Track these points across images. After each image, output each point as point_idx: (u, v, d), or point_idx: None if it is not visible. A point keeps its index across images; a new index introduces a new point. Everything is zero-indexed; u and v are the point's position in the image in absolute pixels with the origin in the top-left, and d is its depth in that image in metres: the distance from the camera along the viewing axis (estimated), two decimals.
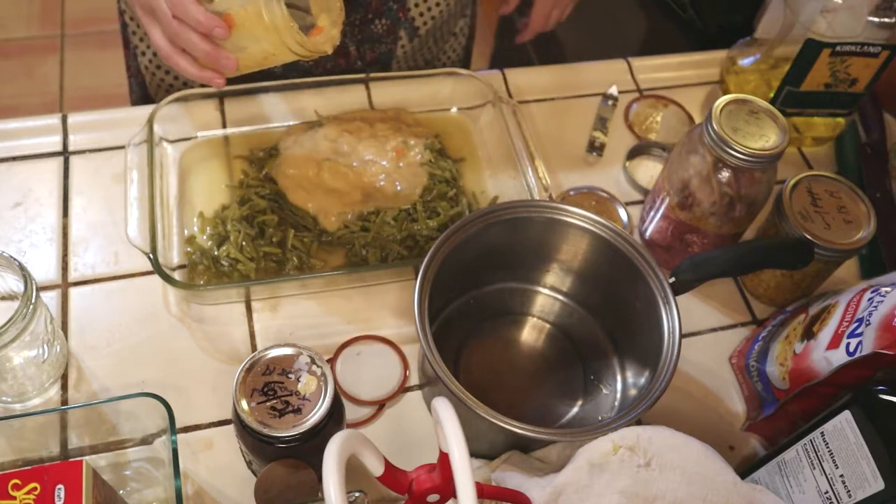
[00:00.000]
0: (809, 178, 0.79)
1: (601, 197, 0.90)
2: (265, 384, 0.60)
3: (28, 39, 2.22)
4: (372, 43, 0.97)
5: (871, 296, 0.65)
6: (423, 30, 1.00)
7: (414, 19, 0.98)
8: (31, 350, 0.67)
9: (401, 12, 0.96)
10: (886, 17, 0.84)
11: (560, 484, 0.60)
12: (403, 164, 0.85)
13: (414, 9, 0.97)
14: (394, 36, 0.98)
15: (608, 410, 0.74)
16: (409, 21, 0.97)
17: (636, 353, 0.74)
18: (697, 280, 0.70)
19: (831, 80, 0.89)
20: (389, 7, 0.95)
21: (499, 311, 0.80)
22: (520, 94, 0.99)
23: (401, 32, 0.98)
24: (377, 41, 0.98)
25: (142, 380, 0.73)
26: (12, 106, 2.05)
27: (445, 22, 1.02)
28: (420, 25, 0.99)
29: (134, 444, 0.67)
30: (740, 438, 0.76)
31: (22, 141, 0.87)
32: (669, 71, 1.06)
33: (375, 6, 0.94)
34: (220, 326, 0.77)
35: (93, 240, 0.81)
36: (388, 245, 0.81)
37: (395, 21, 0.97)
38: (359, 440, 0.51)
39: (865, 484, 0.55)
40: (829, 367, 0.64)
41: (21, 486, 0.53)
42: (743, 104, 0.75)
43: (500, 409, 0.61)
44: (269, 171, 0.84)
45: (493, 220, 0.72)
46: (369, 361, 0.76)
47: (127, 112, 0.90)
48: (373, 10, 0.94)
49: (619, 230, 0.72)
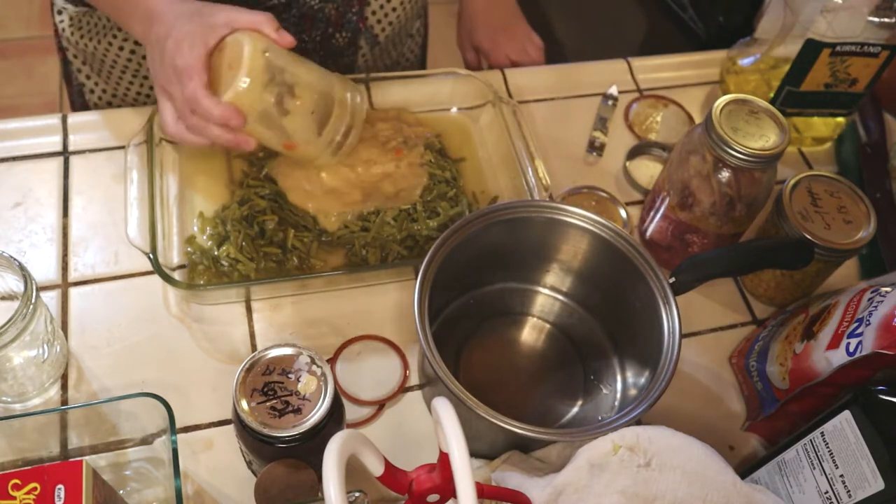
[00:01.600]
0: (809, 178, 0.79)
1: (601, 197, 0.90)
2: (265, 384, 0.60)
3: (28, 39, 2.22)
4: (335, 56, 0.99)
5: (871, 296, 0.65)
6: (382, 36, 1.01)
7: (373, 27, 0.98)
8: (31, 350, 0.67)
9: (360, 23, 0.97)
10: (886, 17, 0.84)
11: (560, 484, 0.60)
12: (403, 164, 0.85)
13: (371, 17, 0.97)
14: (354, 47, 0.99)
15: (608, 410, 0.74)
16: (368, 30, 0.98)
17: (636, 353, 0.74)
18: (697, 280, 0.70)
19: (831, 80, 0.89)
20: (349, 19, 0.95)
21: (499, 311, 0.80)
22: (520, 94, 0.99)
23: (361, 42, 0.99)
24: (339, 54, 0.99)
25: (142, 380, 0.73)
26: (12, 106, 2.05)
27: (403, 26, 1.03)
28: (379, 32, 1.00)
29: (134, 444, 0.67)
30: (740, 438, 0.76)
31: (22, 141, 0.86)
32: (669, 71, 1.06)
33: (335, 20, 0.94)
34: (220, 326, 0.77)
35: (93, 240, 0.81)
36: (388, 245, 0.81)
37: (356, 32, 0.97)
38: (359, 440, 0.51)
39: (865, 484, 0.55)
40: (829, 367, 0.64)
41: (21, 486, 0.53)
42: (743, 104, 0.75)
43: (500, 409, 0.61)
44: (269, 171, 0.84)
45: (493, 220, 0.72)
46: (369, 361, 0.76)
47: (127, 112, 0.90)
48: (333, 23, 0.94)
49: (619, 230, 0.72)
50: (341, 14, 0.94)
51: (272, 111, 0.73)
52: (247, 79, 0.71)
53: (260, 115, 0.73)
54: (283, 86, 0.73)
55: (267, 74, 0.72)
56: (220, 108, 0.70)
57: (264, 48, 0.72)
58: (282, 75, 0.73)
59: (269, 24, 0.72)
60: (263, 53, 0.72)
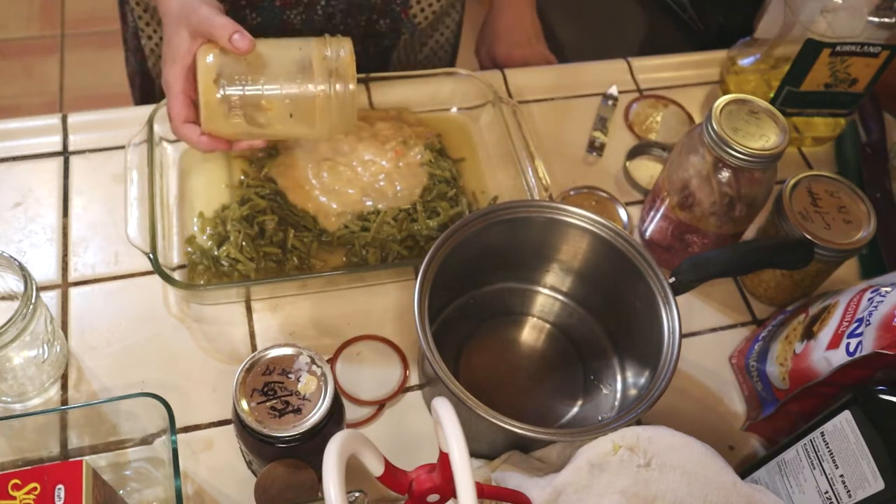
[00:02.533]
0: (809, 178, 0.79)
1: (601, 197, 0.90)
2: (265, 384, 0.60)
3: (28, 39, 2.22)
4: (376, 38, 1.01)
5: (871, 296, 0.65)
6: (424, 24, 1.03)
7: (415, 16, 1.01)
8: (31, 350, 0.67)
9: (403, 13, 1.00)
10: (886, 17, 0.84)
11: (560, 484, 0.60)
12: (403, 164, 0.85)
13: (416, 6, 1.00)
14: (396, 32, 1.02)
15: (608, 410, 0.74)
16: (409, 19, 1.01)
17: (636, 353, 0.74)
18: (697, 280, 0.70)
19: (831, 80, 0.89)
20: (392, 9, 0.98)
21: (499, 311, 0.80)
22: (520, 94, 0.99)
23: (403, 29, 1.02)
24: (381, 37, 1.02)
25: (142, 380, 0.73)
26: (12, 106, 2.05)
27: (441, 15, 1.05)
28: (421, 21, 1.02)
29: (134, 444, 0.67)
30: (740, 438, 0.76)
31: (22, 141, 0.86)
32: (669, 71, 1.06)
33: (380, 8, 0.97)
34: (220, 326, 0.77)
35: (93, 240, 0.81)
36: (388, 245, 0.81)
37: (398, 20, 1.00)
38: (359, 440, 0.51)
39: (865, 484, 0.55)
40: (829, 367, 0.64)
41: (21, 486, 0.53)
42: (743, 104, 0.75)
43: (500, 409, 0.61)
44: (269, 171, 0.84)
45: (493, 220, 0.72)
46: (369, 361, 0.76)
47: (127, 112, 0.90)
48: (377, 11, 0.98)
49: (619, 230, 0.72)
50: (386, 3, 0.97)
51: (249, 128, 0.72)
52: (207, 113, 0.69)
53: (241, 134, 0.72)
54: (247, 107, 0.70)
55: (224, 105, 0.69)
56: (201, 139, 0.71)
57: (217, 72, 0.68)
58: (242, 96, 0.69)
59: (223, 31, 0.68)
60: (214, 82, 0.68)
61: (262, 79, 0.70)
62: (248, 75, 0.69)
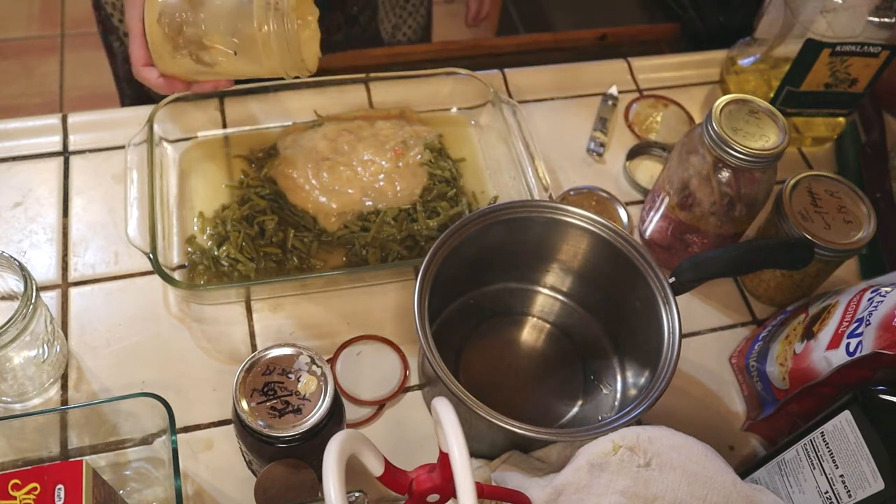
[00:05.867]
0: (809, 178, 0.79)
1: (601, 197, 0.90)
2: (265, 384, 0.60)
3: (28, 39, 2.22)
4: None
5: (871, 296, 0.65)
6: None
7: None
8: (31, 350, 0.67)
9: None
10: (886, 17, 0.84)
11: (560, 484, 0.60)
12: (403, 164, 0.85)
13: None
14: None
15: (608, 410, 0.74)
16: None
17: (636, 353, 0.74)
18: (697, 280, 0.70)
19: (831, 80, 0.89)
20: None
21: (499, 311, 0.80)
22: (520, 94, 0.99)
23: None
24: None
25: (142, 380, 0.73)
26: (12, 106, 2.05)
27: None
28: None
29: (134, 444, 0.67)
30: (740, 438, 0.76)
31: (22, 141, 0.87)
32: (669, 71, 1.06)
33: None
34: (220, 326, 0.77)
35: (93, 240, 0.81)
36: (388, 245, 0.81)
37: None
38: (359, 440, 0.51)
39: (865, 484, 0.55)
40: (829, 367, 0.64)
41: (21, 486, 0.53)
42: (743, 104, 0.75)
43: (500, 409, 0.61)
44: (269, 171, 0.84)
45: (493, 220, 0.72)
46: (369, 361, 0.76)
47: (127, 112, 0.90)
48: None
49: (619, 230, 0.72)
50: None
51: (197, 67, 0.71)
52: (154, 52, 0.70)
53: (191, 73, 0.72)
54: (190, 45, 0.69)
55: (168, 44, 0.69)
56: (158, 80, 0.72)
57: (159, 10, 0.68)
58: (183, 34, 0.69)
59: None
60: (157, 21, 0.68)
61: (201, 15, 0.68)
62: (187, 12, 0.69)
